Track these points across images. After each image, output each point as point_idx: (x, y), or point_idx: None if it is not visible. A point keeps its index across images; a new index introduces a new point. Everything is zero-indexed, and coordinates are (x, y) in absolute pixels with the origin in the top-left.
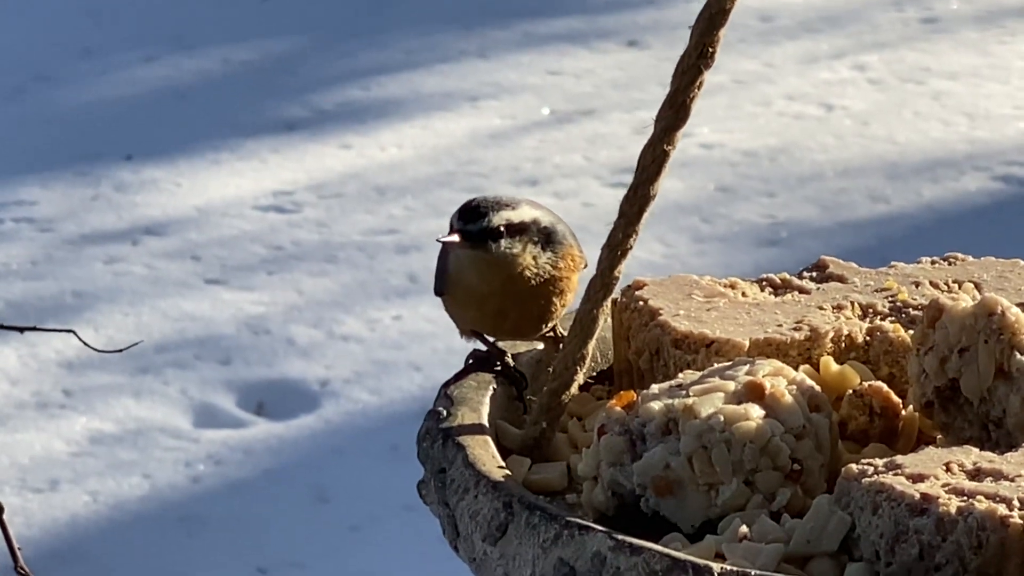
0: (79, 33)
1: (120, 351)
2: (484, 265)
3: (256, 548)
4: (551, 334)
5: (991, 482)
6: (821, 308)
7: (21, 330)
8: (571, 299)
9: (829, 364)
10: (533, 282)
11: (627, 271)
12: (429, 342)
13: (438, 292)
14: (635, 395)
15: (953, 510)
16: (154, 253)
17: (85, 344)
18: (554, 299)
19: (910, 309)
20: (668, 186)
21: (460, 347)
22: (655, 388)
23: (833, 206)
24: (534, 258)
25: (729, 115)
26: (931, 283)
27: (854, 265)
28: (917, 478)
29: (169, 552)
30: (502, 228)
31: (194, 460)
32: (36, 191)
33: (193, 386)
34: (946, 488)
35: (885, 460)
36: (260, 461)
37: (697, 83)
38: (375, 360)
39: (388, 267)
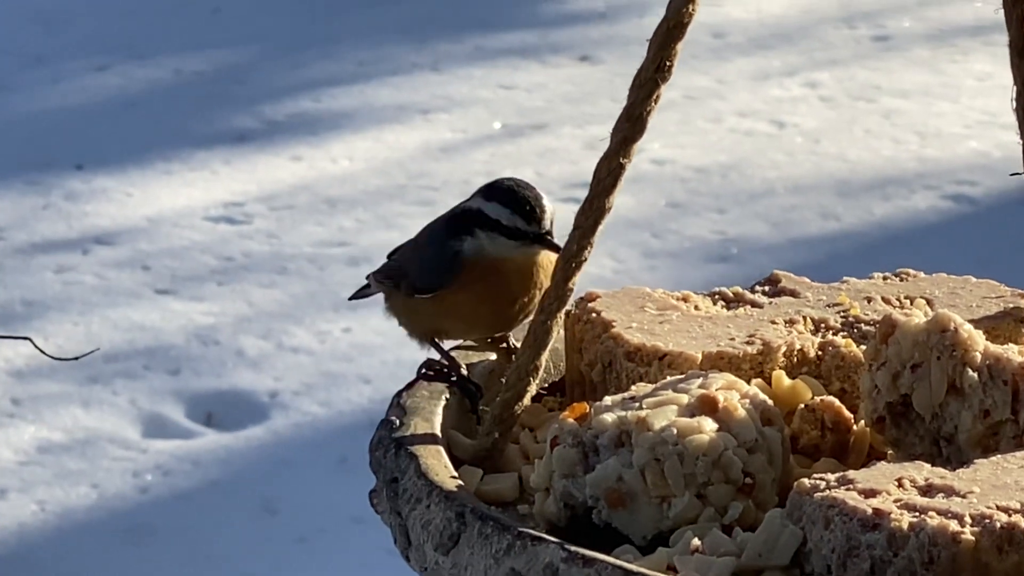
0: (30, 41)
1: (76, 359)
2: (533, 262)
3: (204, 559)
4: (504, 345)
5: (943, 498)
6: (774, 322)
7: None
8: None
9: (781, 378)
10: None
11: (578, 286)
12: (378, 354)
13: (430, 289)
14: (588, 407)
15: (905, 526)
16: (104, 263)
17: (42, 352)
18: (535, 297)
19: (862, 324)
20: (619, 201)
21: (409, 360)
22: (608, 400)
23: (784, 223)
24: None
25: (680, 131)
26: (883, 299)
27: (806, 280)
28: (869, 493)
29: (116, 562)
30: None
31: (142, 470)
32: None
33: (142, 396)
34: (898, 504)
35: (837, 475)
36: (208, 472)
37: (654, 97)
38: (324, 372)
39: (338, 279)
